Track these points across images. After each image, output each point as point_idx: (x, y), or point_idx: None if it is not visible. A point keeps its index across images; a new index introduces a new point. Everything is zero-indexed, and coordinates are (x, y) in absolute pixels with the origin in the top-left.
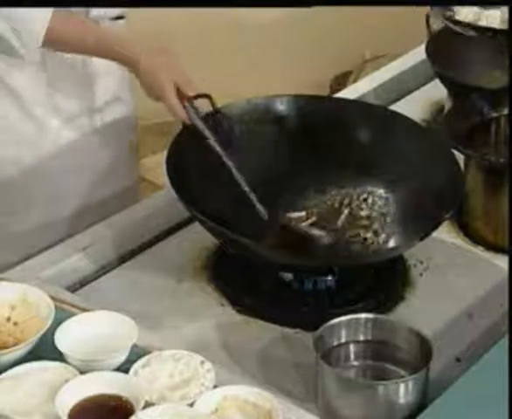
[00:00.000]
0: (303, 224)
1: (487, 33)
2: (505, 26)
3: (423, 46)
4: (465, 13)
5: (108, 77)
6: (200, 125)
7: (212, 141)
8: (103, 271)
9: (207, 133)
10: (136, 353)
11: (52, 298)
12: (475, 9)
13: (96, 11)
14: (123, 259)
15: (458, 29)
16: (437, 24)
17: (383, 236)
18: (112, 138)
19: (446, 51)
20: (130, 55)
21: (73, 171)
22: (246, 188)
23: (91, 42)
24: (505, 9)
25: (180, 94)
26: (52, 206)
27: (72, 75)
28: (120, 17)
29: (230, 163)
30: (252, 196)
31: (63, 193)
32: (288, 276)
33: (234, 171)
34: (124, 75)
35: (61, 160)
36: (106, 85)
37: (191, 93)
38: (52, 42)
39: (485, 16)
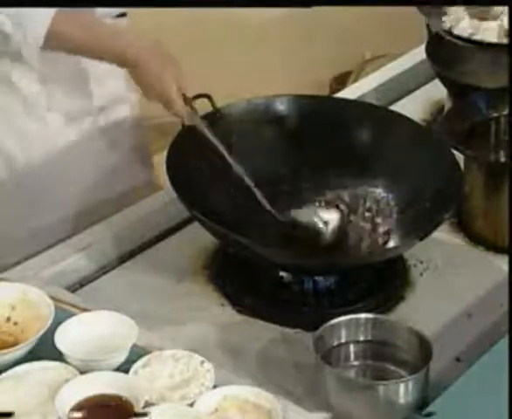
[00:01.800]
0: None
1: (483, 47)
2: (502, 40)
3: (423, 46)
4: (463, 28)
5: (110, 77)
6: (203, 127)
7: (215, 142)
8: (103, 271)
9: (210, 134)
10: (136, 353)
11: (52, 298)
12: (475, 22)
13: (100, 10)
14: (123, 259)
15: (455, 40)
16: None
17: (383, 236)
18: (114, 139)
19: (446, 51)
20: (127, 55)
21: (75, 174)
22: (252, 186)
23: (90, 42)
24: (503, 22)
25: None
26: (55, 209)
27: (70, 75)
28: (122, 15)
29: (234, 164)
30: (258, 192)
31: (65, 196)
32: (288, 276)
33: (240, 170)
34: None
35: (62, 163)
36: (107, 86)
37: (189, 95)
38: (54, 38)
39: (482, 29)
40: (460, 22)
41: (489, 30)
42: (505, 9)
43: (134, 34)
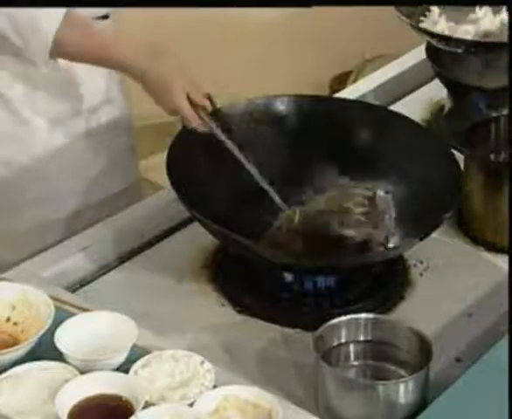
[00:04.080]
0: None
1: (460, 46)
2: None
3: (423, 46)
4: (440, 31)
5: (96, 78)
6: (219, 133)
7: (230, 145)
8: (103, 271)
9: (227, 141)
10: (136, 353)
11: (52, 298)
12: (451, 25)
13: (82, 11)
14: (123, 259)
15: (434, 42)
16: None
17: (383, 236)
18: (104, 140)
19: (446, 51)
20: (134, 66)
21: (68, 172)
22: (266, 185)
23: (94, 53)
24: (479, 24)
25: (190, 101)
26: (49, 206)
27: (57, 76)
28: (105, 17)
29: (248, 164)
30: (272, 192)
31: (59, 193)
32: (289, 276)
33: (253, 171)
34: (113, 76)
35: (54, 161)
36: (94, 87)
37: (201, 99)
38: (58, 49)
39: (459, 32)
40: (436, 25)
41: (466, 34)
42: (485, 12)
43: (136, 39)
